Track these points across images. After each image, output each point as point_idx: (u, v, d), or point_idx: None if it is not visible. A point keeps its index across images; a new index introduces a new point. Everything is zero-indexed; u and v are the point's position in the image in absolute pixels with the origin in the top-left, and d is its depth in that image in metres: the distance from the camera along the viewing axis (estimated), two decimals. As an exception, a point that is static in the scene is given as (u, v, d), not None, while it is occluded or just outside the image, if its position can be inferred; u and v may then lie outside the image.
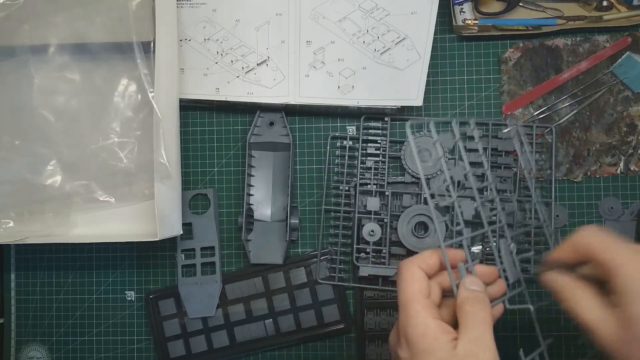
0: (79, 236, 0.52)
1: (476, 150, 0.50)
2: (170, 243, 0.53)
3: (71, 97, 0.52)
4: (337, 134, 0.53)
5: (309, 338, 0.52)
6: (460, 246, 0.37)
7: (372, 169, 0.51)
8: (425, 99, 0.49)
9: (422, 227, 0.50)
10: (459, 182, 0.50)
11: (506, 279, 0.39)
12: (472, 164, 0.50)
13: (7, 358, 0.56)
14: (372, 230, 0.50)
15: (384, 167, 0.51)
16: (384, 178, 0.51)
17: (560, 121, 0.51)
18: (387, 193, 0.50)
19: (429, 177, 0.50)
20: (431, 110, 0.52)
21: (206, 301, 0.52)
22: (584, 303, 0.34)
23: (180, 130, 0.50)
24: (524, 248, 0.50)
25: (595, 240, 0.34)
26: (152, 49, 0.48)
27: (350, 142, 0.52)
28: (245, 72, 0.51)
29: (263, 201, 0.53)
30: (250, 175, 0.53)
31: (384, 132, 0.51)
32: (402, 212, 0.50)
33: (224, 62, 0.51)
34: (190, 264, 0.53)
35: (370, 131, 0.51)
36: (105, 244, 0.55)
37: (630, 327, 0.31)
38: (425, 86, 0.49)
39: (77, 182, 0.52)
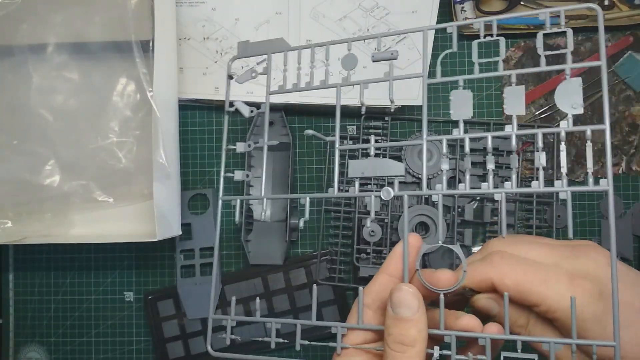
0: (77, 236, 0.51)
1: (481, 150, 0.50)
2: (169, 243, 0.53)
3: (70, 97, 0.52)
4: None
5: (309, 339, 0.52)
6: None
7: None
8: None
9: (423, 227, 0.49)
10: (460, 181, 0.49)
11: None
12: (472, 163, 0.50)
13: (6, 359, 0.56)
14: (373, 231, 0.49)
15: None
16: (384, 178, 0.50)
17: (562, 120, 0.51)
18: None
19: (430, 177, 0.50)
20: (432, 109, 0.52)
21: (205, 302, 0.52)
22: (545, 331, 0.29)
23: (179, 130, 0.50)
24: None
25: (519, 275, 0.29)
26: (151, 48, 0.48)
27: (351, 142, 0.52)
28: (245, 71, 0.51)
29: (262, 201, 0.53)
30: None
31: (385, 131, 0.51)
32: (403, 212, 0.49)
33: (223, 61, 0.51)
34: (189, 264, 0.52)
35: (370, 131, 0.51)
36: (104, 245, 0.54)
37: None
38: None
39: (75, 182, 0.51)
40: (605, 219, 0.50)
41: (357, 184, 0.32)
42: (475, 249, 0.50)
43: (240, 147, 0.38)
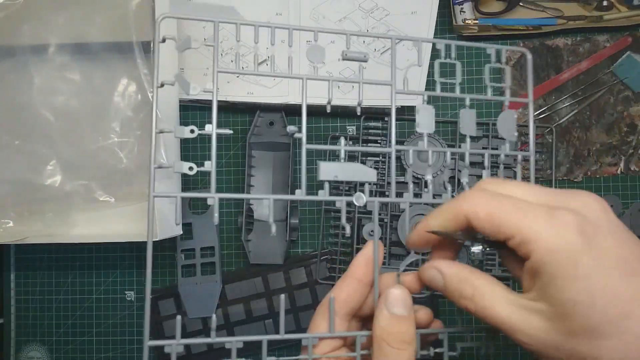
0: (78, 236, 0.52)
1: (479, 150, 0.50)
2: (170, 243, 0.53)
3: (71, 97, 0.52)
4: (337, 134, 0.53)
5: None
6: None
7: (372, 169, 0.51)
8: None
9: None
10: (459, 181, 0.50)
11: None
12: (472, 163, 0.50)
13: (7, 358, 0.56)
14: (372, 230, 0.50)
15: (384, 167, 0.51)
16: (384, 178, 0.51)
17: (561, 121, 0.51)
18: (387, 193, 0.50)
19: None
20: (431, 110, 0.52)
21: (206, 301, 0.52)
22: (495, 298, 0.26)
23: (180, 130, 0.50)
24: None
25: (494, 206, 0.26)
26: (152, 49, 0.48)
27: (350, 142, 0.52)
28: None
29: (263, 201, 0.53)
30: (250, 175, 0.53)
31: (384, 132, 0.51)
32: (402, 212, 0.50)
33: (223, 62, 0.51)
34: (190, 264, 0.53)
35: (370, 131, 0.51)
36: (105, 244, 0.55)
37: (566, 319, 0.24)
38: (426, 86, 0.49)
39: (77, 182, 0.52)
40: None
41: (327, 186, 0.30)
42: (473, 249, 0.50)
43: (180, 131, 0.31)
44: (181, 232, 0.49)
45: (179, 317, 0.28)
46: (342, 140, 0.32)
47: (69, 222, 0.52)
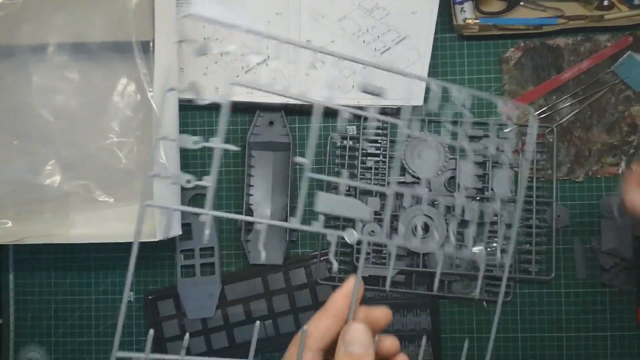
0: (77, 236, 0.51)
1: (480, 150, 0.50)
2: (169, 243, 0.53)
3: (70, 97, 0.52)
4: (337, 134, 0.53)
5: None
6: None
7: (373, 169, 0.51)
8: (426, 99, 0.49)
9: (423, 227, 0.50)
10: (459, 185, 0.49)
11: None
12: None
13: (6, 359, 0.56)
14: (373, 231, 0.49)
15: (384, 167, 0.51)
16: (384, 178, 0.51)
17: (562, 121, 0.51)
18: (387, 193, 0.50)
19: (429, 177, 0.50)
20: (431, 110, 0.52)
21: (205, 302, 0.52)
22: None
23: (180, 130, 0.50)
24: (525, 249, 0.50)
25: None
26: (151, 49, 0.48)
27: (351, 142, 0.52)
28: (245, 72, 0.51)
29: (263, 201, 0.53)
30: (250, 175, 0.53)
31: (384, 132, 0.51)
32: (403, 212, 0.49)
33: (223, 62, 0.51)
34: (189, 264, 0.53)
35: (370, 131, 0.51)
36: (104, 245, 0.54)
37: None
38: (426, 86, 0.49)
39: (76, 182, 0.51)
40: (605, 218, 0.50)
41: (321, 218, 0.30)
42: (475, 249, 0.50)
43: (183, 140, 0.29)
44: (180, 233, 0.49)
45: (151, 332, 0.28)
46: (344, 172, 0.32)
47: (67, 222, 0.52)
